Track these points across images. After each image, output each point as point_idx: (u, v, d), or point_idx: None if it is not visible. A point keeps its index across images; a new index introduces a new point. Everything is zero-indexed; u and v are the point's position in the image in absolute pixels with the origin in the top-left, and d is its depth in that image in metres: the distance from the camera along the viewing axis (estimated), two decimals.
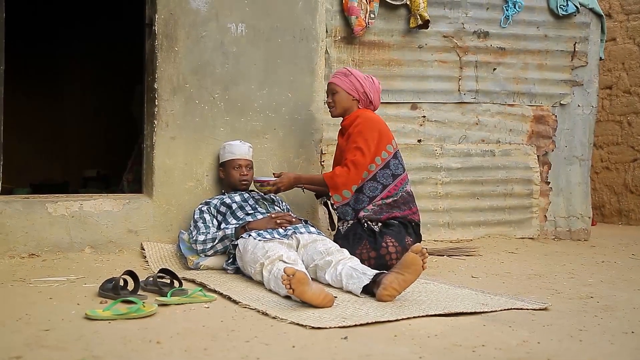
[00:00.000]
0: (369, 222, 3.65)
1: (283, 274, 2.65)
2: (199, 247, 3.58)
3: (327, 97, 3.93)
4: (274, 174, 3.89)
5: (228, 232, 3.53)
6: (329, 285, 3.09)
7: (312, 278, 2.97)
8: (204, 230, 3.63)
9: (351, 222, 3.71)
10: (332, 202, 3.75)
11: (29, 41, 6.87)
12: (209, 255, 3.59)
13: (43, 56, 7.30)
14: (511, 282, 3.46)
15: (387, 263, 3.48)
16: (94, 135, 7.54)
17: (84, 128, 7.61)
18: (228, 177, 3.95)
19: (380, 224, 3.65)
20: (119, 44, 6.98)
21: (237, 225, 3.55)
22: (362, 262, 3.26)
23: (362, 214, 3.68)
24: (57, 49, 7.33)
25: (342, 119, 3.90)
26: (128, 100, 6.69)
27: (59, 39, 7.29)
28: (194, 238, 3.61)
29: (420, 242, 3.71)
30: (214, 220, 3.73)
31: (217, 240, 3.54)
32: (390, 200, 3.72)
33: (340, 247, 3.33)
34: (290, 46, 4.30)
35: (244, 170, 3.91)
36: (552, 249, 4.75)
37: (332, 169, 3.97)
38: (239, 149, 3.95)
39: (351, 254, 3.27)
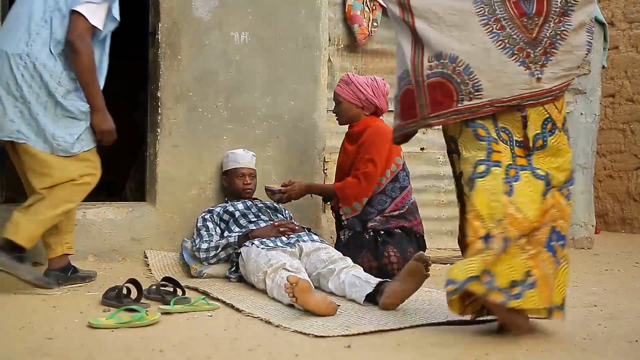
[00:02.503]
0: (375, 231, 3.65)
1: (286, 282, 2.65)
2: (202, 255, 3.58)
3: (334, 107, 3.94)
4: (284, 183, 3.88)
5: (231, 240, 3.53)
6: (332, 293, 3.08)
7: (315, 286, 2.96)
8: (207, 239, 3.63)
9: (352, 231, 3.71)
10: (342, 214, 3.74)
11: None
12: (212, 264, 3.59)
13: None
14: None
15: (389, 273, 3.47)
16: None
17: None
18: (231, 185, 3.95)
19: (383, 233, 3.65)
20: (122, 51, 6.99)
21: (240, 234, 3.55)
22: (364, 271, 3.25)
23: (370, 224, 3.68)
24: None
25: (349, 125, 3.89)
26: (131, 107, 6.69)
27: None
28: (197, 246, 3.61)
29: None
30: (217, 228, 3.73)
31: (220, 249, 3.54)
32: (397, 212, 3.71)
33: None
34: (293, 54, 4.31)
35: (247, 179, 3.91)
36: None
37: (336, 173, 3.97)
38: (243, 158, 3.95)
39: None
